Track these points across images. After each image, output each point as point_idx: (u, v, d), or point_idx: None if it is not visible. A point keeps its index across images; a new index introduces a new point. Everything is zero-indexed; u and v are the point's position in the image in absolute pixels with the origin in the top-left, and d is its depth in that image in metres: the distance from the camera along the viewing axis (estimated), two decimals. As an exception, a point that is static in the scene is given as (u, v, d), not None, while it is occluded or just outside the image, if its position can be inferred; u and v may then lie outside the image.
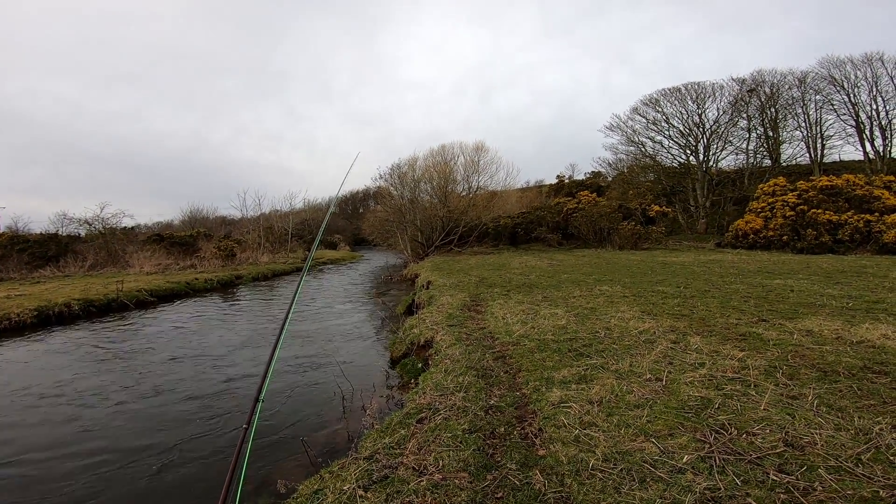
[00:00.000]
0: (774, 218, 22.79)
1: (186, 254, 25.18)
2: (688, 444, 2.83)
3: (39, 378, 6.67)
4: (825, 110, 31.10)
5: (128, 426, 4.97)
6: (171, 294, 15.54)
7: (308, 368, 6.94)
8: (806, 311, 6.57)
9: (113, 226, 24.62)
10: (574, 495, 2.40)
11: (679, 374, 4.11)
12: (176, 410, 5.39)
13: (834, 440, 2.77)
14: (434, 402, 3.86)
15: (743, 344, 5.01)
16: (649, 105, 35.73)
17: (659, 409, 3.38)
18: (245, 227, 35.98)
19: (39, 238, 22.06)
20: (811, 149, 31.99)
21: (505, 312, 7.46)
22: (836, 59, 29.82)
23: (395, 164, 28.20)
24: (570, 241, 29.41)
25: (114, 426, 4.98)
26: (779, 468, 2.51)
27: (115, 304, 12.88)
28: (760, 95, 32.24)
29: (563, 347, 5.23)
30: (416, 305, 10.81)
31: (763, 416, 3.16)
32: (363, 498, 2.47)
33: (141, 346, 8.62)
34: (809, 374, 3.94)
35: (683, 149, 35.01)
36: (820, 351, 4.60)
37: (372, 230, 32.56)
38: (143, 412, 5.37)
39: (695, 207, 33.59)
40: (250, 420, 2.18)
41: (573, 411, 3.43)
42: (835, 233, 20.66)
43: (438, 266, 17.74)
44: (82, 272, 19.74)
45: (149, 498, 3.55)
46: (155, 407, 5.53)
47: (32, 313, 10.66)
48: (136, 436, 4.70)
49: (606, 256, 20.24)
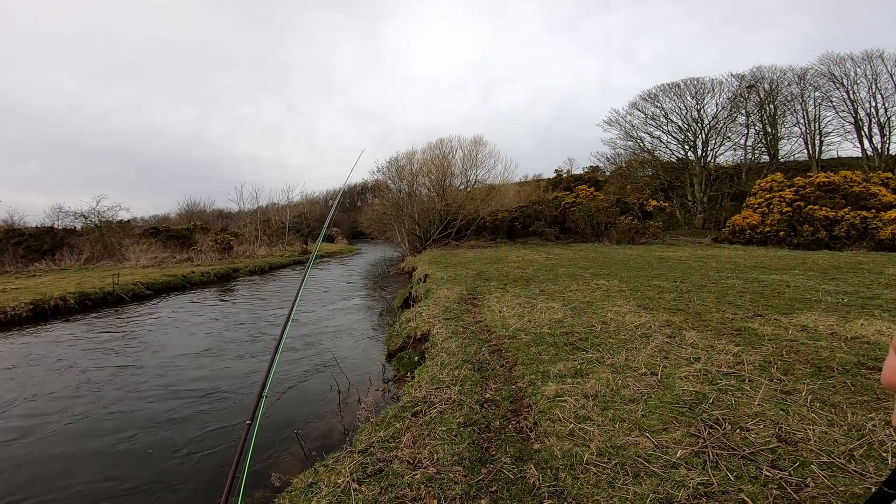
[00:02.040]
0: (771, 214, 22.82)
1: (183, 247, 25.08)
2: (682, 438, 2.84)
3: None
4: (824, 107, 31.08)
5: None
6: (168, 287, 15.49)
7: (304, 362, 6.94)
8: (801, 307, 6.58)
9: (109, 219, 24.45)
10: (568, 489, 2.40)
11: (674, 368, 4.12)
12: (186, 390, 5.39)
13: (827, 436, 2.78)
14: (429, 396, 3.86)
15: (738, 339, 5.03)
16: (648, 100, 35.65)
17: (654, 403, 3.38)
18: (242, 220, 35.92)
19: (35, 231, 21.92)
20: (809, 145, 32.00)
21: (502, 306, 7.46)
22: (836, 56, 29.75)
23: (392, 158, 28.14)
24: (567, 235, 29.41)
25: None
26: (772, 464, 2.51)
27: (110, 297, 12.83)
28: (759, 92, 32.19)
29: (560, 341, 5.24)
30: (413, 299, 10.80)
31: (757, 411, 3.16)
32: (357, 491, 2.47)
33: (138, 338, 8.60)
34: (804, 370, 3.95)
35: (682, 144, 34.98)
36: (815, 346, 4.61)
37: (369, 223, 32.49)
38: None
39: (692, 203, 33.61)
40: (254, 415, 2.17)
41: (568, 405, 3.43)
42: (831, 229, 20.69)
43: (436, 259, 17.73)
44: (78, 266, 19.64)
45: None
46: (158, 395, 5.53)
47: (28, 307, 10.60)
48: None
49: (604, 251, 20.26)
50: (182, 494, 3.52)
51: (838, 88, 29.94)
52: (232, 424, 4.70)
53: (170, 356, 7.39)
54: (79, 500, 3.46)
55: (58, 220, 24.23)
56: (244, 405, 5.19)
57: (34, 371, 6.65)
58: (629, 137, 37.34)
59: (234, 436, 4.38)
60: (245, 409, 4.91)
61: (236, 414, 4.96)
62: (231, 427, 4.64)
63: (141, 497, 3.48)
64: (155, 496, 3.49)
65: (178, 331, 9.29)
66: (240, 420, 4.67)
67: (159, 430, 4.64)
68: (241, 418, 4.66)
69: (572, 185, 36.60)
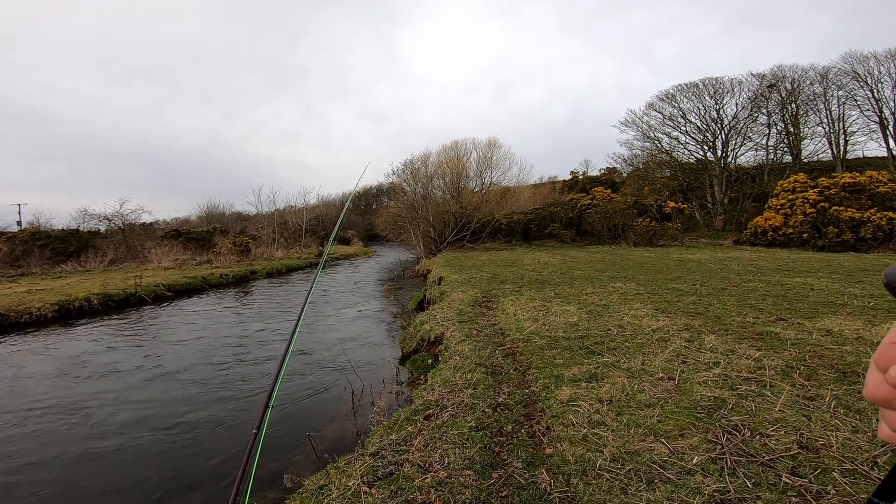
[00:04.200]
0: (795, 215, 22.28)
1: (203, 249, 25.56)
2: (699, 444, 2.77)
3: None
4: (848, 106, 30.31)
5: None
6: (188, 289, 15.77)
7: (320, 364, 6.98)
8: (826, 311, 6.40)
9: (132, 222, 25.09)
10: (580, 495, 2.36)
11: (692, 373, 4.04)
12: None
13: (850, 442, 2.69)
14: (442, 399, 3.84)
15: (759, 343, 4.90)
16: (665, 100, 35.16)
17: (670, 408, 3.32)
18: (260, 222, 36.40)
19: (60, 234, 22.58)
20: (833, 145, 31.21)
21: (516, 309, 7.41)
22: (860, 54, 29.02)
23: (407, 160, 28.25)
24: (583, 237, 29.14)
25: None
26: (792, 471, 2.44)
27: (133, 298, 13.12)
28: (781, 91, 31.49)
29: (575, 345, 5.18)
30: (427, 301, 10.80)
31: (778, 417, 3.08)
32: (367, 494, 2.46)
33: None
34: (828, 375, 3.83)
35: (700, 144, 34.41)
36: (839, 351, 4.48)
37: (385, 226, 32.64)
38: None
39: (712, 204, 33.01)
40: (260, 425, 2.17)
41: (582, 410, 3.39)
42: (857, 230, 20.13)
43: (450, 262, 17.73)
44: (102, 267, 20.15)
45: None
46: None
47: (53, 308, 10.90)
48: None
49: (621, 253, 20.02)
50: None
51: (862, 87, 29.20)
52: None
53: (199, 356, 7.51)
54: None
55: (83, 222, 24.98)
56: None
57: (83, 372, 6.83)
58: (646, 138, 36.91)
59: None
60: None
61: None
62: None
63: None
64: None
65: (205, 329, 9.44)
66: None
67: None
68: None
69: (588, 187, 36.32)
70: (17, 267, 18.61)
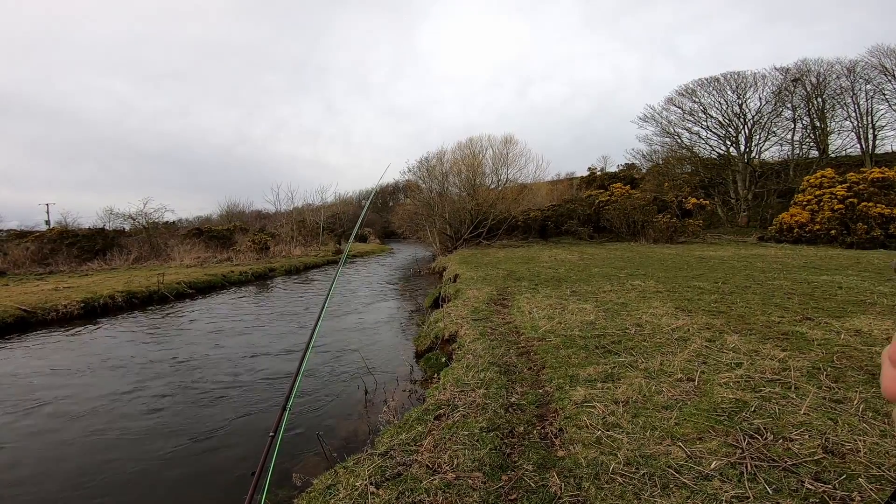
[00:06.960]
0: (822, 211, 21.62)
1: (223, 247, 25.98)
2: (718, 448, 2.67)
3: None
4: (877, 100, 29.21)
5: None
6: (209, 286, 16.03)
7: (335, 362, 7.00)
8: (855, 310, 6.17)
9: (155, 220, 25.61)
10: (591, 500, 2.29)
11: (713, 374, 3.91)
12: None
13: (878, 447, 2.56)
14: (454, 399, 3.80)
15: (785, 343, 4.74)
16: (685, 95, 34.40)
17: (689, 411, 3.21)
18: (278, 220, 36.84)
19: (87, 233, 23.16)
20: (862, 139, 30.14)
21: (531, 307, 7.32)
22: (887, 47, 27.91)
23: (423, 158, 28.22)
24: (601, 234, 28.78)
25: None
26: (815, 476, 2.33)
27: (156, 296, 13.38)
28: (806, 85, 30.52)
29: (591, 344, 5.08)
30: (442, 299, 10.77)
31: (802, 420, 2.95)
32: (374, 495, 2.43)
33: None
34: (856, 377, 3.67)
35: (723, 140, 33.63)
36: (868, 352, 4.29)
37: (401, 223, 32.76)
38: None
39: (735, 200, 32.24)
40: (277, 428, 2.14)
41: (597, 411, 3.30)
42: (887, 227, 19.46)
43: (466, 259, 17.66)
44: (127, 265, 20.62)
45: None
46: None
47: (79, 305, 11.17)
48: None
49: (640, 250, 19.68)
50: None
51: (891, 81, 28.10)
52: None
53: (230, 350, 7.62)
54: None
55: (109, 221, 25.59)
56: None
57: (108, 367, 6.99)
58: (665, 133, 36.21)
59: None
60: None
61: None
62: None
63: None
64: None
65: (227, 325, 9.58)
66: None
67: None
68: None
69: (606, 183, 35.83)
70: (45, 265, 19.13)
